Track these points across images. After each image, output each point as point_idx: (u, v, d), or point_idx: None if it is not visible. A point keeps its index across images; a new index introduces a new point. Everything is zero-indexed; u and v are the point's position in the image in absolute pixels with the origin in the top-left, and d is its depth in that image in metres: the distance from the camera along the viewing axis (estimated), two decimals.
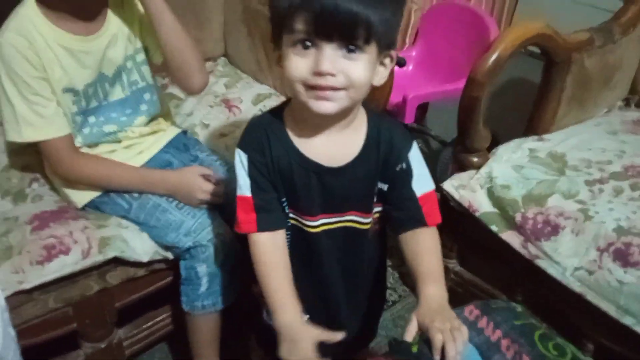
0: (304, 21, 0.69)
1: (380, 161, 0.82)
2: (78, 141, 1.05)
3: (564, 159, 1.23)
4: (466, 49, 1.72)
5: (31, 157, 1.16)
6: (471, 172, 1.25)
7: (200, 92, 1.14)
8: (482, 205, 1.19)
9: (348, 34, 0.69)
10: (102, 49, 1.01)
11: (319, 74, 0.70)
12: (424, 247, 0.83)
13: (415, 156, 0.84)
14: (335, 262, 0.88)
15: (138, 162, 1.10)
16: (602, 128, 1.37)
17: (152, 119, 1.15)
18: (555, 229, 1.09)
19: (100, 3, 1.00)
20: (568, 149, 1.26)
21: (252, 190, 0.81)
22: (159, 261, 1.08)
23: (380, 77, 0.77)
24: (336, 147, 0.80)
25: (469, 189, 1.22)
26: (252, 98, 1.46)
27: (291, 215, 0.84)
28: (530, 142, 1.29)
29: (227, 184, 1.05)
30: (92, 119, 1.06)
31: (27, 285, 0.94)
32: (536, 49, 1.23)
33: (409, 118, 1.67)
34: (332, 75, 0.71)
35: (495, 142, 1.29)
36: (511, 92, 1.81)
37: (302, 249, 0.86)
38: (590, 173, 1.18)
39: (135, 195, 1.05)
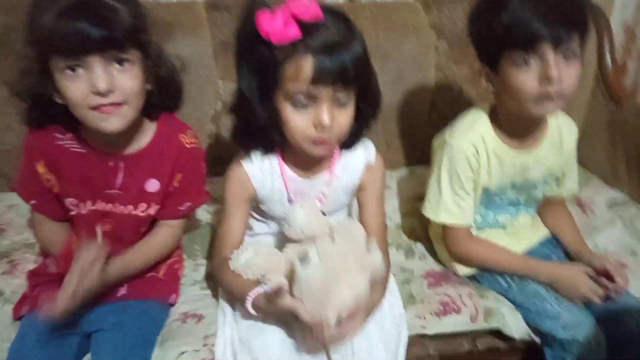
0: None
1: None
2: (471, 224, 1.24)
3: None
4: None
5: (416, 221, 1.42)
6: None
7: None
8: None
9: None
10: (526, 165, 1.18)
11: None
12: None
13: None
14: None
15: (518, 249, 1.25)
16: None
17: (534, 217, 1.30)
18: None
19: (540, 128, 1.17)
20: None
21: None
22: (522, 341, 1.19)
23: None
24: None
25: None
26: (606, 202, 1.51)
27: None
28: None
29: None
30: (487, 211, 1.25)
31: (428, 332, 1.13)
32: None
33: None
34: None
35: None
36: None
37: None
38: None
39: (515, 277, 1.19)
